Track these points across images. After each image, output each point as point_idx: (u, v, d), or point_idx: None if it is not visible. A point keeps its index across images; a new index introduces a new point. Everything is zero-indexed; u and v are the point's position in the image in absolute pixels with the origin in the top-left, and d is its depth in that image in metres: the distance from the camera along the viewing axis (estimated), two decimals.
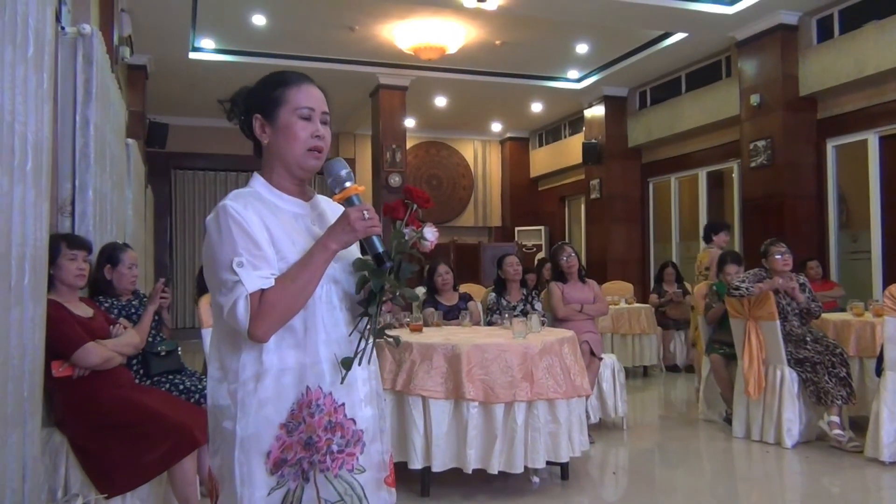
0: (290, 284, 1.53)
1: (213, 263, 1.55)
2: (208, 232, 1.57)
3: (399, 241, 1.63)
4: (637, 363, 7.94)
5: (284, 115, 1.64)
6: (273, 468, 1.56)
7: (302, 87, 1.67)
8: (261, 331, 1.51)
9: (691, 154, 10.70)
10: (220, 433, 1.60)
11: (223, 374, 1.60)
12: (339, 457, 1.60)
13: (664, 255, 11.07)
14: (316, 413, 1.58)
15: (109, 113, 4.87)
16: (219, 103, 1.77)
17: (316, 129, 1.65)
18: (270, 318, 1.51)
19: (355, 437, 1.63)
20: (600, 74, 10.84)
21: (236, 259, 1.50)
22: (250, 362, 1.57)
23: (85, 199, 4.03)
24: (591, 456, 4.61)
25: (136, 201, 7.07)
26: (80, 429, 2.93)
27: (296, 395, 1.58)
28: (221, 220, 1.55)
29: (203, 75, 9.93)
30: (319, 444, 1.58)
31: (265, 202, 1.63)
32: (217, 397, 1.61)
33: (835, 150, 8.44)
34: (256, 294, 1.50)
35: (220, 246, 1.53)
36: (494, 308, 5.47)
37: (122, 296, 3.62)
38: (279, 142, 1.65)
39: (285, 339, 1.58)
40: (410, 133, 12.61)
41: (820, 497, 4.04)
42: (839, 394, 4.65)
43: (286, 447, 1.56)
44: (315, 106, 1.66)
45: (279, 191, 1.67)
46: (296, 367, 1.58)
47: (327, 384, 1.60)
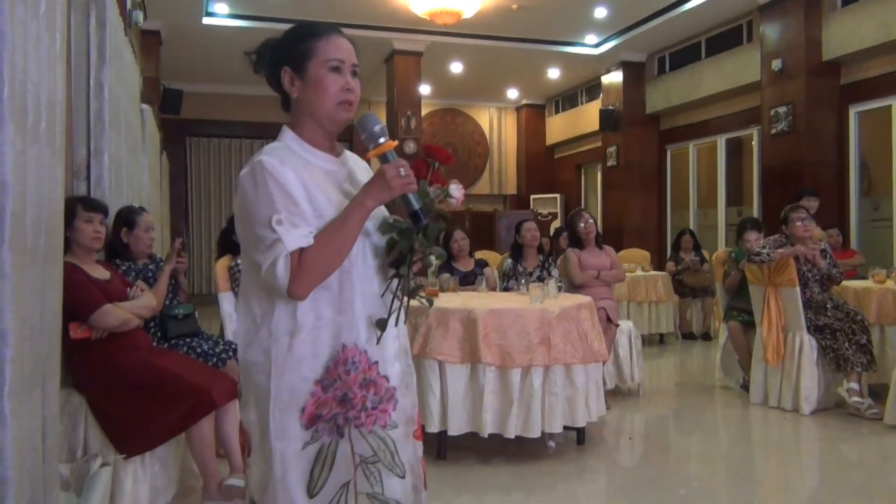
0: (329, 242, 1.51)
1: (250, 220, 1.53)
2: (242, 188, 1.55)
3: (426, 201, 1.60)
4: (653, 331, 7.91)
5: (314, 68, 1.61)
6: (308, 423, 1.56)
7: (331, 39, 1.63)
8: (301, 289, 1.51)
9: (710, 121, 10.55)
10: (254, 388, 1.60)
11: (256, 330, 1.59)
12: (372, 413, 1.61)
13: (681, 224, 10.99)
14: (352, 370, 1.58)
15: (124, 77, 4.85)
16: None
17: (346, 82, 1.62)
18: (310, 276, 1.50)
19: (388, 394, 1.64)
20: (618, 40, 10.66)
21: (275, 216, 1.49)
22: (285, 319, 1.56)
23: (101, 163, 4.02)
24: (607, 422, 4.61)
25: (152, 167, 7.07)
26: (98, 390, 2.94)
27: (331, 352, 1.58)
28: (258, 176, 1.52)
29: (217, 41, 9.86)
30: (355, 401, 1.58)
31: (298, 157, 1.61)
32: (249, 353, 1.60)
33: (857, 116, 8.29)
34: (296, 253, 1.49)
35: (257, 202, 1.51)
36: (511, 274, 5.45)
37: (138, 259, 3.62)
38: (309, 95, 1.62)
39: (321, 297, 1.57)
40: (425, 100, 12.50)
41: (837, 464, 4.02)
42: (859, 361, 4.61)
43: (321, 403, 1.56)
44: (345, 58, 1.63)
45: (310, 146, 1.65)
46: (331, 324, 1.58)
47: (363, 341, 1.60)
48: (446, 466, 3.76)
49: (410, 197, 1.57)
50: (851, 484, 3.61)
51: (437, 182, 1.65)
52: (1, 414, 2.00)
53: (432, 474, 3.62)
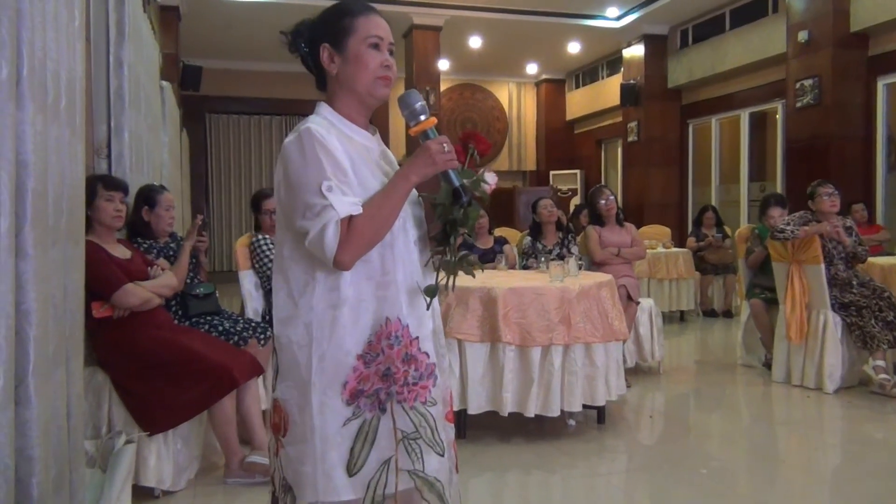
0: (376, 212, 1.52)
1: (297, 186, 1.52)
2: (288, 154, 1.55)
3: (472, 180, 1.63)
4: (674, 308, 7.85)
5: (354, 44, 1.62)
6: (350, 399, 1.56)
7: (371, 17, 1.65)
8: (348, 257, 1.50)
9: (734, 94, 10.39)
10: (293, 363, 1.59)
11: (293, 304, 1.59)
12: (414, 389, 1.61)
13: (703, 199, 10.87)
14: (395, 344, 1.58)
15: (143, 54, 4.84)
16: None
17: (385, 59, 1.64)
18: (357, 245, 1.50)
19: (428, 370, 1.64)
20: (640, 12, 10.49)
21: (325, 183, 1.49)
22: (326, 292, 1.56)
23: (121, 141, 4.03)
24: (628, 400, 4.59)
25: (172, 145, 7.08)
26: (121, 368, 2.97)
27: (374, 327, 1.58)
28: (306, 143, 1.53)
29: (236, 16, 9.83)
30: (397, 376, 1.58)
31: (339, 131, 1.62)
32: (288, 328, 1.59)
33: (886, 88, 8.12)
34: (346, 220, 1.48)
35: (305, 169, 1.51)
36: (530, 252, 5.42)
37: (159, 238, 3.63)
38: (349, 71, 1.63)
39: (362, 270, 1.57)
40: (444, 75, 12.40)
41: (862, 442, 3.98)
42: (885, 338, 4.54)
43: (363, 378, 1.56)
44: (383, 35, 1.65)
45: (349, 121, 1.66)
46: (373, 298, 1.58)
47: (405, 315, 1.60)
48: (466, 445, 3.76)
49: (451, 173, 1.59)
50: (876, 463, 3.57)
51: (470, 168, 1.67)
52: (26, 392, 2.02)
53: None
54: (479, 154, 1.69)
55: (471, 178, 1.64)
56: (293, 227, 1.55)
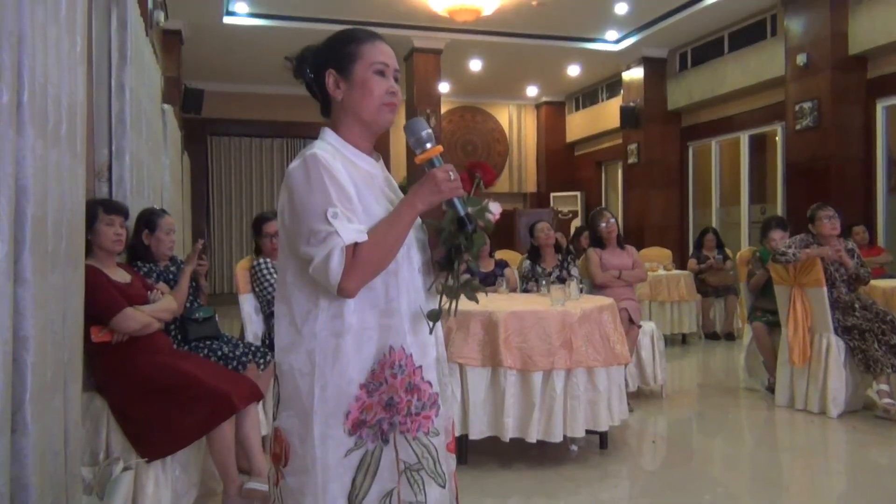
0: (381, 239, 1.51)
1: (302, 212, 1.51)
2: (293, 180, 1.54)
3: (477, 209, 1.63)
4: (676, 331, 7.82)
5: (360, 71, 1.63)
6: (352, 429, 1.53)
7: (376, 44, 1.66)
8: (352, 285, 1.49)
9: (733, 117, 10.42)
10: (295, 392, 1.57)
11: (296, 332, 1.57)
12: (417, 419, 1.59)
13: (704, 221, 10.87)
14: (398, 373, 1.56)
15: (144, 77, 4.86)
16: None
17: (391, 85, 1.64)
18: (362, 272, 1.49)
19: (431, 399, 1.62)
20: (639, 35, 10.55)
21: (331, 209, 1.48)
22: (329, 320, 1.54)
23: (122, 164, 4.03)
24: (630, 424, 4.55)
25: (173, 167, 7.09)
26: (119, 393, 2.94)
27: (377, 355, 1.56)
28: (312, 169, 1.52)
29: (237, 40, 9.90)
30: (400, 405, 1.56)
31: (343, 156, 1.62)
32: (290, 355, 1.58)
33: (885, 110, 8.15)
34: (351, 247, 1.47)
35: (310, 195, 1.50)
36: (530, 275, 5.40)
37: (159, 261, 3.62)
38: (355, 97, 1.63)
39: (366, 298, 1.55)
40: (445, 98, 12.46)
41: (867, 468, 3.94)
42: (890, 362, 4.51)
43: (366, 407, 1.54)
44: (389, 62, 1.65)
45: (352, 147, 1.66)
46: (376, 326, 1.56)
47: (409, 344, 1.58)
48: (467, 471, 3.72)
49: (457, 202, 1.58)
50: (882, 489, 3.53)
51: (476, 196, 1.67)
52: (23, 419, 2.00)
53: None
54: (485, 184, 1.69)
55: (476, 207, 1.63)
56: (297, 254, 1.53)
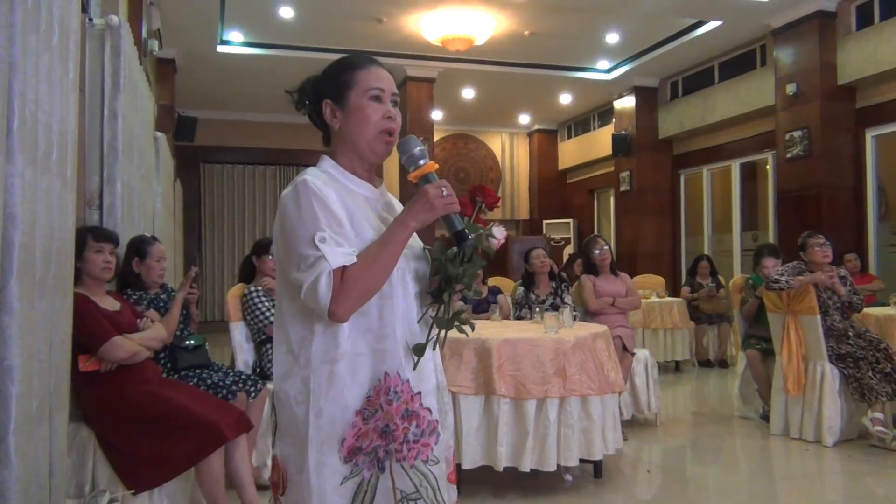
0: (371, 262, 1.49)
1: (292, 238, 1.50)
2: (284, 207, 1.53)
3: (477, 233, 1.60)
4: (669, 358, 7.80)
5: (355, 98, 1.61)
6: (347, 456, 1.51)
7: (371, 69, 1.65)
8: (342, 309, 1.46)
9: (724, 145, 10.50)
10: (291, 420, 1.55)
11: (293, 358, 1.55)
12: (414, 446, 1.55)
13: (696, 249, 10.90)
14: (394, 400, 1.53)
15: (138, 105, 4.86)
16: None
17: (387, 111, 1.62)
18: (351, 296, 1.46)
19: (430, 426, 1.59)
20: (631, 65, 10.66)
21: (318, 234, 1.47)
22: (324, 346, 1.52)
23: (113, 191, 4.01)
24: (625, 453, 4.51)
25: (166, 195, 7.08)
26: (107, 424, 2.90)
27: (372, 381, 1.53)
28: (302, 195, 1.51)
29: (231, 68, 9.95)
30: (396, 433, 1.53)
31: (340, 184, 1.61)
32: (287, 382, 1.56)
33: (874, 139, 8.22)
34: (339, 271, 1.46)
35: (300, 220, 1.49)
36: (523, 303, 5.39)
37: (150, 289, 3.59)
38: (351, 125, 1.62)
39: (360, 323, 1.53)
40: (438, 126, 12.53)
41: (863, 498, 3.90)
42: (884, 390, 4.49)
43: (361, 434, 1.51)
44: (385, 87, 1.64)
45: (350, 174, 1.64)
46: (371, 352, 1.54)
47: (405, 371, 1.56)
48: (460, 501, 3.64)
49: (453, 217, 1.56)
50: None
51: (479, 222, 1.64)
52: (6, 451, 1.96)
53: None
54: (488, 207, 1.66)
55: (476, 232, 1.61)
56: (289, 280, 1.52)
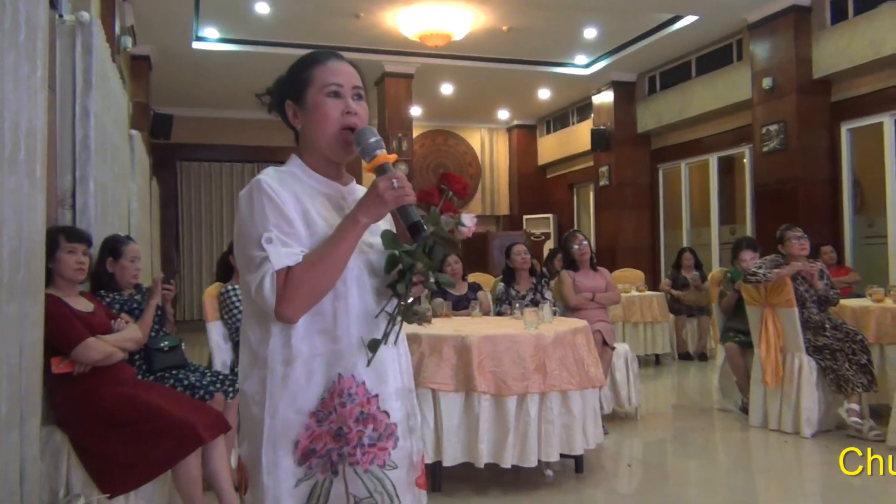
0: (317, 261, 1.45)
1: (243, 239, 1.48)
2: (240, 207, 1.51)
3: (434, 224, 1.54)
4: (649, 351, 7.83)
5: (312, 95, 1.57)
6: (301, 458, 1.48)
7: (328, 64, 1.59)
8: (289, 310, 1.44)
9: (702, 139, 10.56)
10: (249, 420, 1.53)
11: (253, 359, 1.53)
12: (370, 450, 1.52)
13: (675, 243, 10.96)
14: (347, 402, 1.50)
15: (110, 103, 4.79)
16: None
17: (347, 106, 1.56)
18: (298, 296, 1.43)
19: (388, 430, 1.55)
20: (609, 60, 10.69)
21: (265, 234, 1.44)
22: (279, 347, 1.49)
23: (86, 191, 3.95)
24: (605, 447, 4.52)
25: (141, 193, 6.99)
26: (81, 427, 2.85)
27: (326, 383, 1.50)
28: (254, 195, 1.48)
29: (207, 65, 9.85)
30: (350, 436, 1.50)
31: (301, 182, 1.57)
32: (246, 383, 1.54)
33: (849, 133, 8.30)
34: (283, 271, 1.43)
35: (251, 221, 1.47)
36: (504, 298, 5.38)
37: (124, 290, 3.54)
38: (310, 124, 1.58)
39: (314, 324, 1.50)
40: (417, 122, 12.50)
41: (840, 488, 3.94)
42: (860, 381, 4.54)
43: (315, 437, 1.49)
44: (343, 81, 1.58)
45: (316, 173, 1.60)
46: (326, 352, 1.50)
47: (360, 372, 1.52)
48: (441, 498, 3.66)
49: (408, 209, 1.50)
50: None
51: (448, 210, 1.59)
52: None
53: None
54: (457, 195, 1.59)
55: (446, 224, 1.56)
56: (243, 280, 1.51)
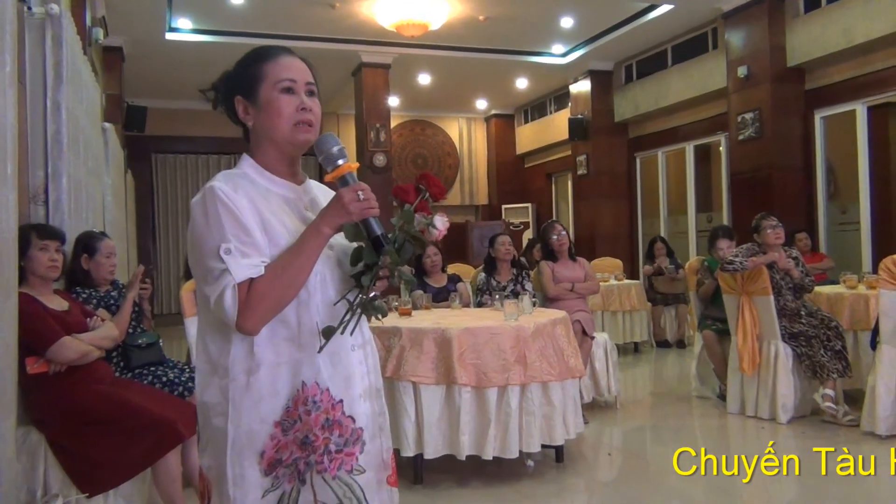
0: (280, 273, 1.42)
1: (199, 250, 1.44)
2: (193, 215, 1.46)
3: (406, 223, 1.53)
4: (628, 340, 7.89)
5: (265, 92, 1.53)
6: (267, 469, 1.47)
7: (279, 60, 1.56)
8: (250, 323, 1.41)
9: (678, 128, 10.62)
10: (211, 431, 1.50)
11: (212, 369, 1.50)
12: (337, 457, 1.51)
13: (652, 231, 11.02)
14: (312, 410, 1.48)
15: (82, 96, 4.72)
16: (201, 93, 1.66)
17: (301, 102, 1.54)
18: (260, 309, 1.41)
19: (354, 435, 1.54)
20: (586, 49, 10.69)
21: (224, 245, 1.40)
22: (241, 356, 1.47)
23: (59, 186, 3.89)
24: (586, 436, 4.55)
25: (116, 187, 6.90)
26: (58, 427, 2.82)
27: (291, 391, 1.48)
28: (209, 203, 1.44)
29: (180, 56, 9.72)
30: (316, 444, 1.48)
31: (255, 184, 1.53)
32: (206, 393, 1.51)
33: (823, 121, 8.38)
34: (245, 284, 1.40)
35: (207, 231, 1.43)
36: (484, 288, 5.38)
37: (100, 286, 3.50)
38: (264, 121, 1.54)
39: (278, 332, 1.48)
40: (394, 112, 12.44)
41: (817, 474, 3.99)
42: (835, 367, 4.61)
43: (281, 446, 1.47)
44: (296, 77, 1.55)
45: (270, 173, 1.57)
46: (290, 361, 1.48)
47: (324, 379, 1.50)
48: (423, 490, 3.67)
49: (372, 221, 1.48)
50: (830, 495, 3.58)
51: (422, 210, 1.58)
52: None
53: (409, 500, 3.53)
54: (433, 198, 1.59)
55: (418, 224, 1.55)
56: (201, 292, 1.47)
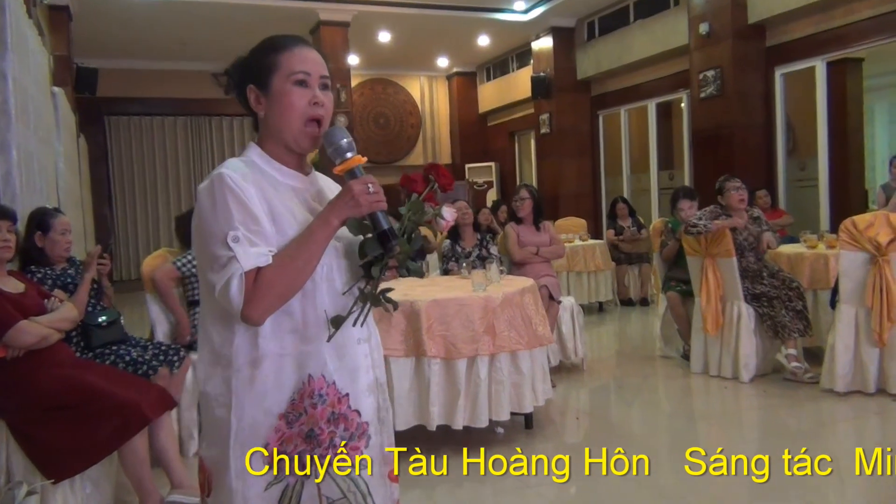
0: (288, 262, 1.40)
1: (205, 236, 1.41)
2: (200, 201, 1.43)
3: (416, 212, 1.53)
4: (593, 300, 7.97)
5: (278, 83, 1.50)
6: (271, 461, 1.45)
7: (295, 51, 1.52)
8: (256, 313, 1.38)
9: (640, 85, 10.61)
10: (214, 422, 1.48)
11: (215, 359, 1.48)
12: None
13: (615, 189, 11.09)
14: (318, 403, 1.47)
15: (29, 63, 4.53)
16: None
17: (314, 96, 1.51)
18: (267, 298, 1.38)
19: (360, 429, 1.53)
20: (547, 5, 10.57)
21: (231, 233, 1.37)
22: (245, 347, 1.44)
23: (8, 160, 3.75)
24: (553, 400, 4.59)
25: (68, 153, 6.69)
26: (19, 413, 2.75)
27: (296, 384, 1.46)
28: (217, 190, 1.41)
29: (131, 15, 9.39)
30: (322, 437, 1.47)
31: (263, 173, 1.50)
32: (209, 384, 1.49)
33: (783, 77, 8.44)
34: (252, 272, 1.37)
35: (214, 218, 1.39)
36: (450, 255, 5.36)
37: (55, 264, 3.39)
38: (275, 113, 1.51)
39: (283, 323, 1.45)
40: (354, 71, 12.24)
41: (777, 431, 4.10)
42: (796, 327, 4.70)
43: (286, 439, 1.46)
44: (311, 70, 1.51)
45: (278, 163, 1.54)
46: (295, 353, 1.46)
47: (331, 372, 1.48)
48: None
49: (379, 215, 1.46)
50: (792, 451, 3.67)
51: (430, 201, 1.57)
52: None
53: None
54: (442, 189, 1.57)
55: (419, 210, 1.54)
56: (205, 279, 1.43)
